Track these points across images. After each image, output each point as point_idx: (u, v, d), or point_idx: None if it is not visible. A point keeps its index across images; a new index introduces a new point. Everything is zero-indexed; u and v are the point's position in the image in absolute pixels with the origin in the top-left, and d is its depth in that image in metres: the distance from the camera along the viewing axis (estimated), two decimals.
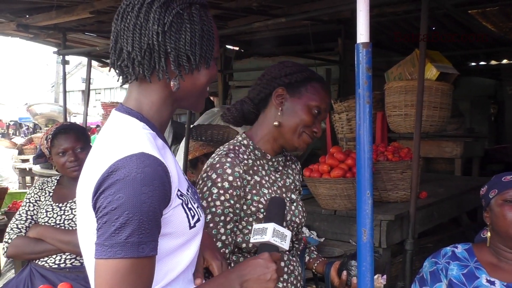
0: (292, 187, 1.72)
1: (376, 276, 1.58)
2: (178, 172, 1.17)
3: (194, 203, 1.18)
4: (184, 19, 1.11)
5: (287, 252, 1.64)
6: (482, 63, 8.55)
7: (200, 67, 1.15)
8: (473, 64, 8.68)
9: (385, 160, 3.27)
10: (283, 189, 1.67)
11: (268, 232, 1.26)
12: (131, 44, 1.09)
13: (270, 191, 1.59)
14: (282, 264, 1.61)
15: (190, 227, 1.14)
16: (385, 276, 1.62)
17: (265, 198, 1.55)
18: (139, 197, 0.98)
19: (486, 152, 6.32)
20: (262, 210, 1.53)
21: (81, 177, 1.12)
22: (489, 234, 1.86)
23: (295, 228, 1.67)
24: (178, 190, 1.12)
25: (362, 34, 1.32)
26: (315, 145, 6.18)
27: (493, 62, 8.31)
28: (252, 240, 1.29)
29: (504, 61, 8.06)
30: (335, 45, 6.63)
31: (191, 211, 1.15)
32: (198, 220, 1.17)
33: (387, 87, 4.28)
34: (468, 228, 4.19)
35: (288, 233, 1.28)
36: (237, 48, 7.51)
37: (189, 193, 1.19)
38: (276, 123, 1.60)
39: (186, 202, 1.14)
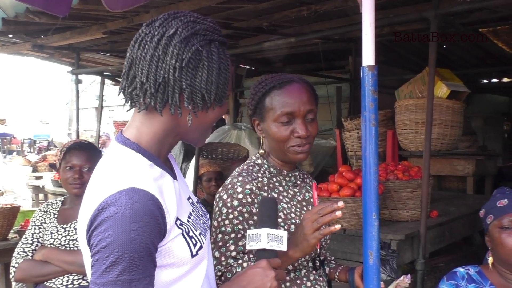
0: (312, 200, 1.72)
1: (401, 278, 1.59)
2: (181, 197, 1.16)
3: (196, 230, 1.16)
4: (202, 56, 1.09)
5: (314, 272, 1.63)
6: (494, 80, 8.50)
7: (214, 106, 1.14)
8: (485, 81, 8.64)
9: (395, 179, 3.26)
10: (303, 203, 1.67)
11: (263, 238, 1.22)
12: (145, 75, 1.08)
13: (289, 205, 1.60)
14: (309, 283, 1.60)
15: (193, 256, 1.12)
16: (409, 276, 1.60)
17: (284, 213, 1.55)
18: (128, 234, 0.97)
19: (499, 170, 6.25)
20: (282, 224, 1.53)
21: (80, 209, 1.12)
22: (490, 258, 1.80)
23: (321, 243, 1.66)
24: (178, 219, 1.10)
25: (368, 57, 1.33)
26: (326, 163, 6.18)
27: (505, 80, 8.26)
28: (248, 247, 1.26)
29: None
30: (346, 63, 6.66)
31: (193, 239, 1.13)
32: (201, 247, 1.15)
33: (398, 105, 4.29)
34: (481, 247, 4.13)
35: (284, 234, 1.24)
36: (248, 66, 7.57)
37: (190, 220, 1.17)
38: (261, 151, 1.65)
39: (187, 231, 1.12)
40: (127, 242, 0.97)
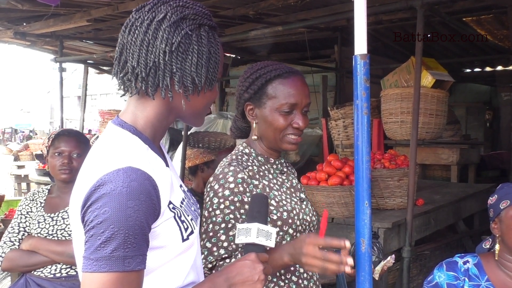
0: (299, 186, 1.75)
1: (388, 258, 1.65)
2: (172, 183, 1.16)
3: (188, 215, 1.18)
4: (192, 40, 1.11)
5: None
6: (477, 69, 8.60)
7: (205, 89, 1.15)
8: (468, 70, 8.73)
9: (382, 168, 3.29)
10: (292, 189, 1.69)
11: (252, 233, 1.23)
12: (136, 60, 1.09)
13: (280, 192, 1.61)
14: (302, 269, 1.61)
15: (183, 240, 1.13)
16: (393, 256, 1.65)
17: (276, 200, 1.57)
18: (125, 211, 0.98)
19: (481, 159, 6.34)
20: (274, 212, 1.54)
21: (74, 189, 1.12)
22: (498, 246, 1.76)
23: (307, 227, 1.67)
24: (170, 202, 1.11)
25: (360, 45, 1.32)
26: (313, 152, 6.20)
27: (487, 69, 8.36)
28: (236, 241, 1.27)
29: (499, 67, 8.10)
30: (331, 52, 6.66)
31: (184, 224, 1.14)
32: (192, 232, 1.16)
33: (383, 94, 4.31)
34: (465, 235, 4.21)
35: (273, 230, 1.26)
36: (233, 55, 7.54)
37: (183, 205, 1.18)
38: (254, 137, 1.64)
39: (179, 215, 1.13)
40: (123, 219, 0.97)
